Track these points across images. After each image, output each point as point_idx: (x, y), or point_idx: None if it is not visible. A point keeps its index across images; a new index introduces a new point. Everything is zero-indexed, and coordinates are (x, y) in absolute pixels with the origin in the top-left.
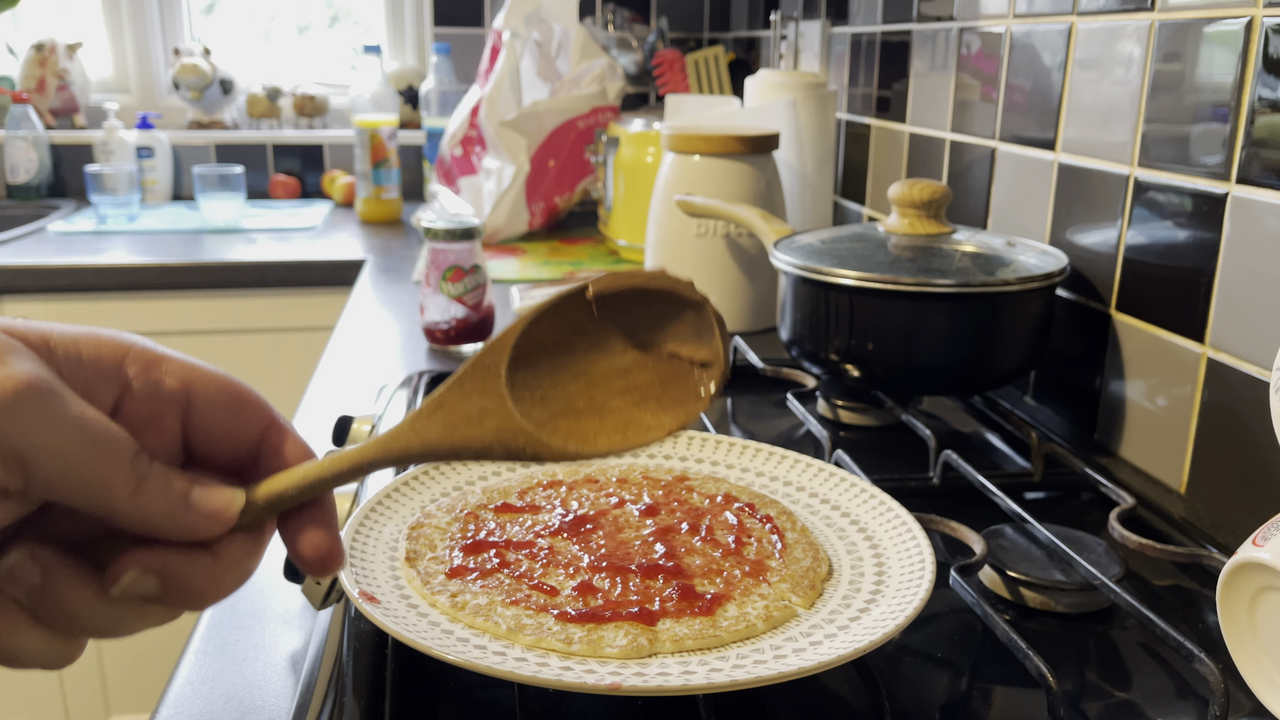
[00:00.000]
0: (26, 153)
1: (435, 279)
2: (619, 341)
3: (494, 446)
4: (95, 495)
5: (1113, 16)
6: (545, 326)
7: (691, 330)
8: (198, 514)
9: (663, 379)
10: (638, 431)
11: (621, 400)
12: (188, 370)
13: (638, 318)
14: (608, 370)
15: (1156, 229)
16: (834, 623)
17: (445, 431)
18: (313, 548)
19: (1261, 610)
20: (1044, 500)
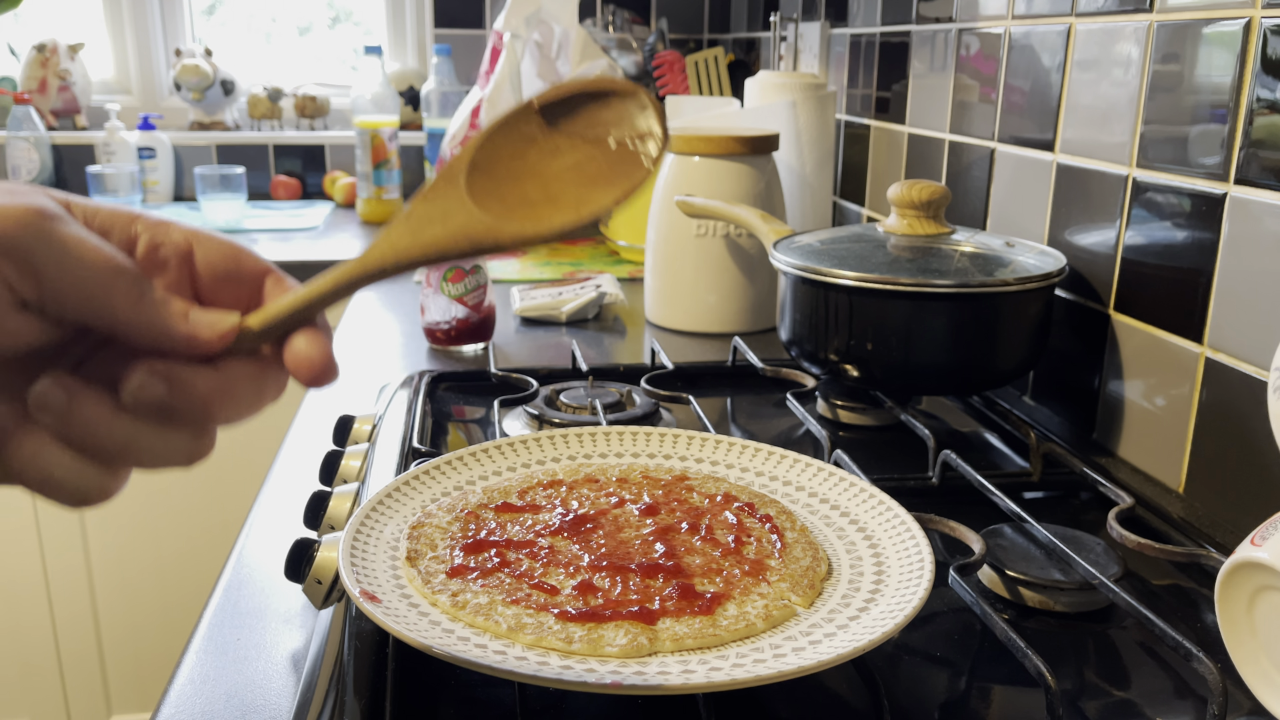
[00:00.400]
0: (28, 153)
1: (436, 279)
2: (567, 141)
3: (458, 238)
4: (100, 303)
5: (1111, 18)
6: (499, 140)
7: (633, 119)
8: (194, 325)
9: (610, 163)
10: (589, 206)
11: (575, 188)
12: (191, 230)
13: (583, 118)
14: (559, 167)
15: (1155, 229)
16: (833, 622)
17: (413, 235)
18: (307, 358)
19: (1260, 610)
20: (1043, 500)
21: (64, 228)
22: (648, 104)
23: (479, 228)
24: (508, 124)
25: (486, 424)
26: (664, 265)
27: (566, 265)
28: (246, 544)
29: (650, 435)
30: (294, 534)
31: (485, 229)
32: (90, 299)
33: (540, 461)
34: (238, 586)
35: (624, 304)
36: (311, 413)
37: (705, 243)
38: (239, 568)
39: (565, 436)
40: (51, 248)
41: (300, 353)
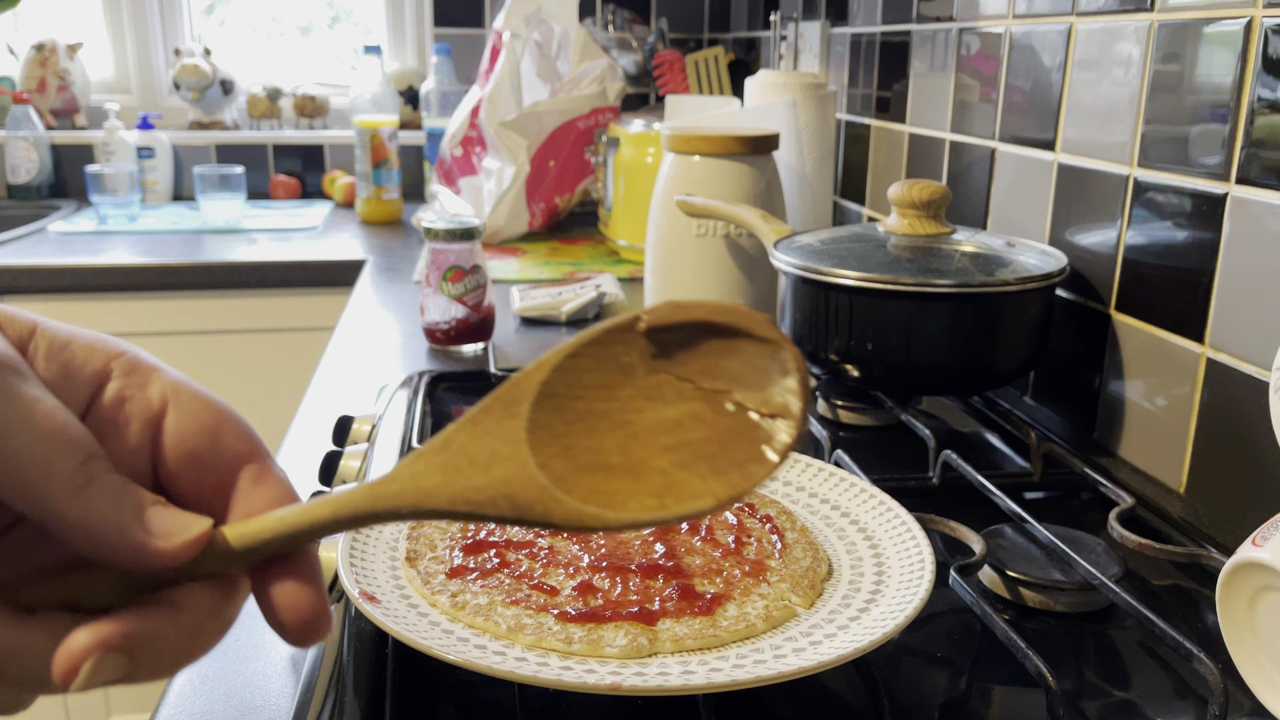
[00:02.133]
0: (27, 153)
1: (435, 279)
2: (673, 388)
3: (498, 499)
4: (32, 486)
5: (1112, 17)
6: (585, 363)
7: (763, 377)
8: (151, 532)
9: (721, 436)
10: (679, 498)
11: (666, 459)
12: (173, 384)
13: (699, 360)
14: (655, 422)
15: (1156, 229)
16: (834, 622)
17: (445, 476)
18: (294, 608)
19: (1260, 610)
20: (1043, 500)
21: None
22: (790, 365)
23: (529, 492)
24: (601, 342)
25: None
26: (664, 265)
27: (566, 265)
28: None
29: None
30: None
31: (536, 496)
32: (19, 475)
33: None
34: None
35: (624, 304)
36: (310, 413)
37: (705, 242)
38: None
39: None
40: None
41: (288, 599)
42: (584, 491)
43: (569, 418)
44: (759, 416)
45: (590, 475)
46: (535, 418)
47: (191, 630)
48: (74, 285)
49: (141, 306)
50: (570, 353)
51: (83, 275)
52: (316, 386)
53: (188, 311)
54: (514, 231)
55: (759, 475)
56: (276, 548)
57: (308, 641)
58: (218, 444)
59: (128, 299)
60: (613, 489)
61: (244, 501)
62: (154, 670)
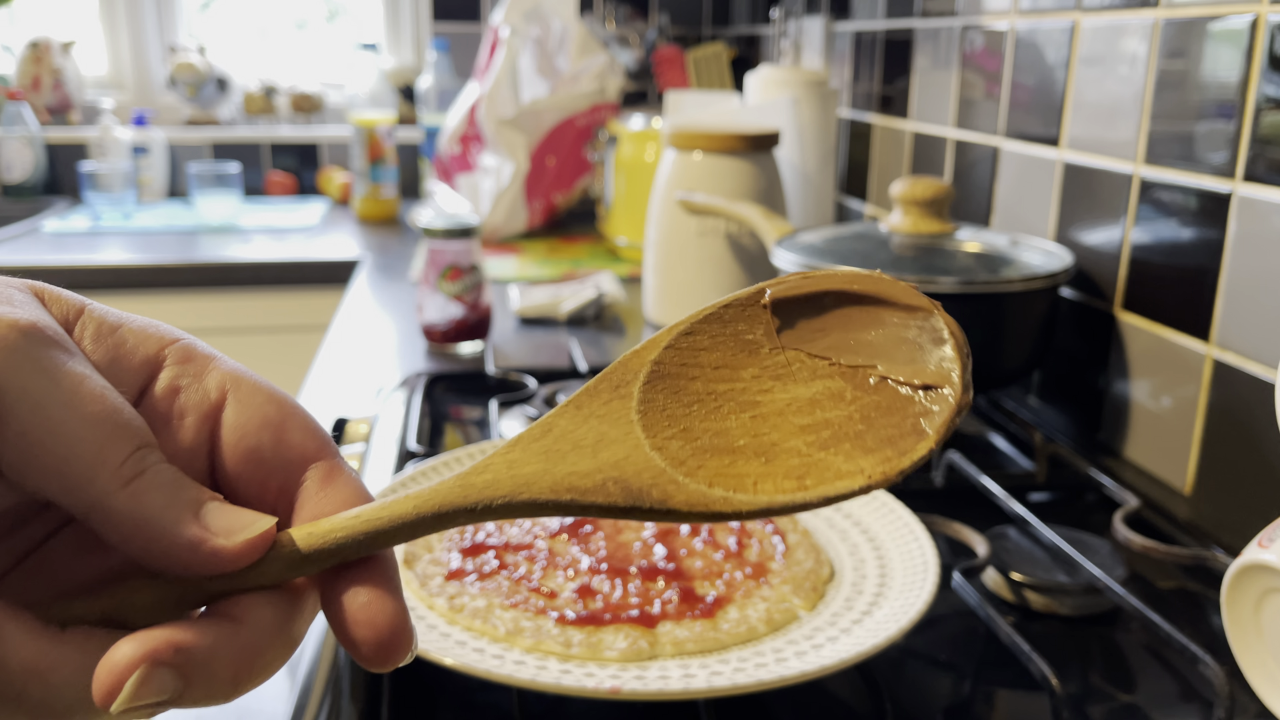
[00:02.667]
0: (21, 151)
1: (433, 278)
2: (805, 366)
3: (607, 484)
4: (78, 475)
5: (1117, 13)
6: (702, 341)
7: (912, 348)
8: (210, 529)
9: (866, 413)
10: (822, 478)
11: (802, 440)
12: (233, 374)
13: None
14: (786, 402)
15: (1161, 227)
16: (836, 625)
17: (546, 463)
18: (370, 622)
19: (1267, 612)
20: (1048, 501)
21: (55, 357)
22: (945, 332)
23: (644, 475)
24: (720, 318)
25: (484, 424)
26: (664, 264)
27: (565, 264)
28: None
29: None
30: None
31: (652, 479)
32: (64, 465)
33: None
34: None
35: (624, 303)
36: None
37: (706, 241)
38: None
39: None
40: (31, 382)
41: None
42: (708, 475)
43: (686, 399)
44: (911, 389)
45: (714, 458)
46: (647, 398)
47: (253, 648)
48: (68, 284)
49: (137, 305)
50: (684, 330)
51: (77, 274)
52: (312, 386)
53: (183, 310)
54: (512, 230)
55: (918, 450)
56: (350, 552)
57: (387, 663)
58: (282, 440)
59: (123, 298)
60: (742, 472)
61: (311, 504)
62: (208, 692)
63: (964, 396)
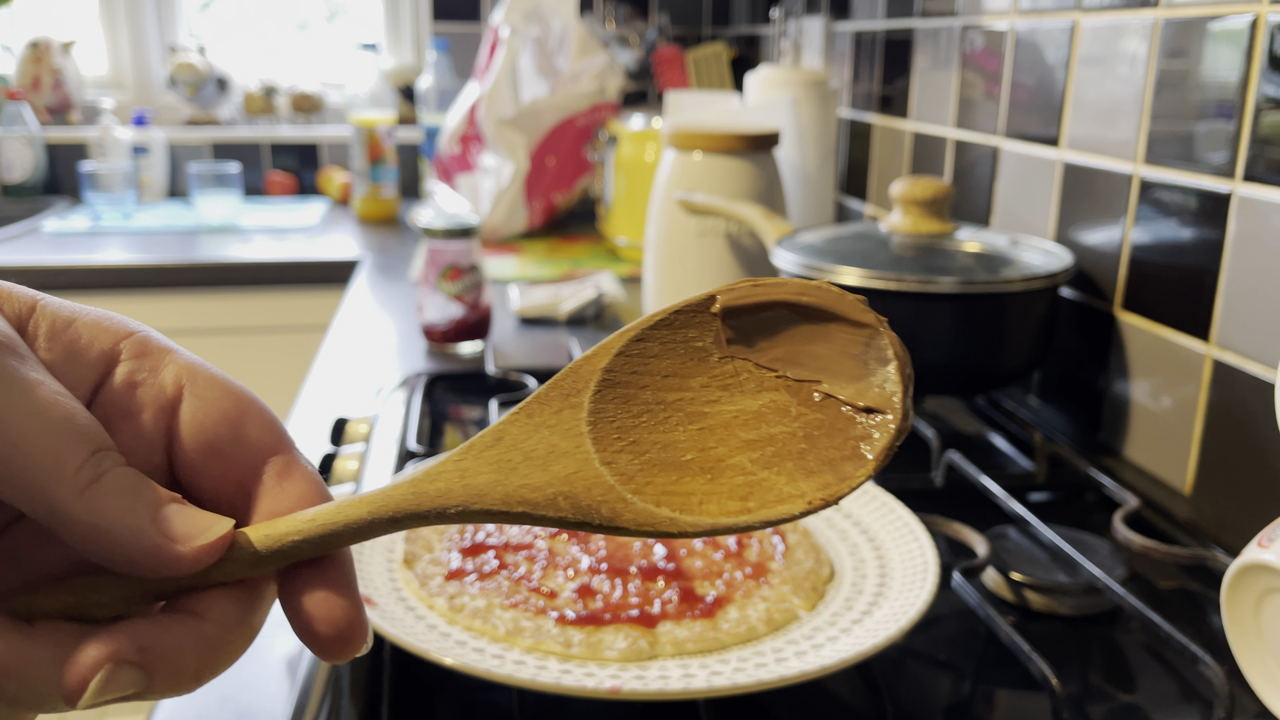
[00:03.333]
0: (21, 151)
1: (433, 278)
2: (753, 377)
3: (558, 499)
4: (34, 482)
5: (1117, 13)
6: (652, 348)
7: (858, 365)
8: (168, 535)
9: (809, 431)
10: (764, 500)
11: (746, 456)
12: (190, 368)
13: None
14: (733, 414)
15: (1161, 227)
16: (836, 625)
17: (498, 474)
18: (327, 618)
19: (1267, 612)
20: (1048, 501)
21: (8, 365)
22: (890, 353)
23: (594, 491)
24: (670, 324)
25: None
26: (664, 264)
27: (565, 264)
28: None
29: None
30: None
31: (601, 497)
32: (19, 470)
33: None
34: None
35: (624, 303)
36: (307, 414)
37: (706, 241)
38: None
39: None
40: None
41: (320, 608)
42: (655, 492)
43: (635, 409)
44: (853, 410)
45: (661, 474)
46: (597, 408)
47: (213, 642)
48: (68, 284)
49: (136, 305)
50: (635, 336)
51: (77, 274)
52: (312, 386)
53: (183, 310)
54: (513, 230)
55: (856, 476)
56: (307, 551)
57: (343, 655)
58: (239, 434)
59: (122, 298)
60: (688, 490)
61: (269, 499)
62: (171, 685)
63: (904, 423)
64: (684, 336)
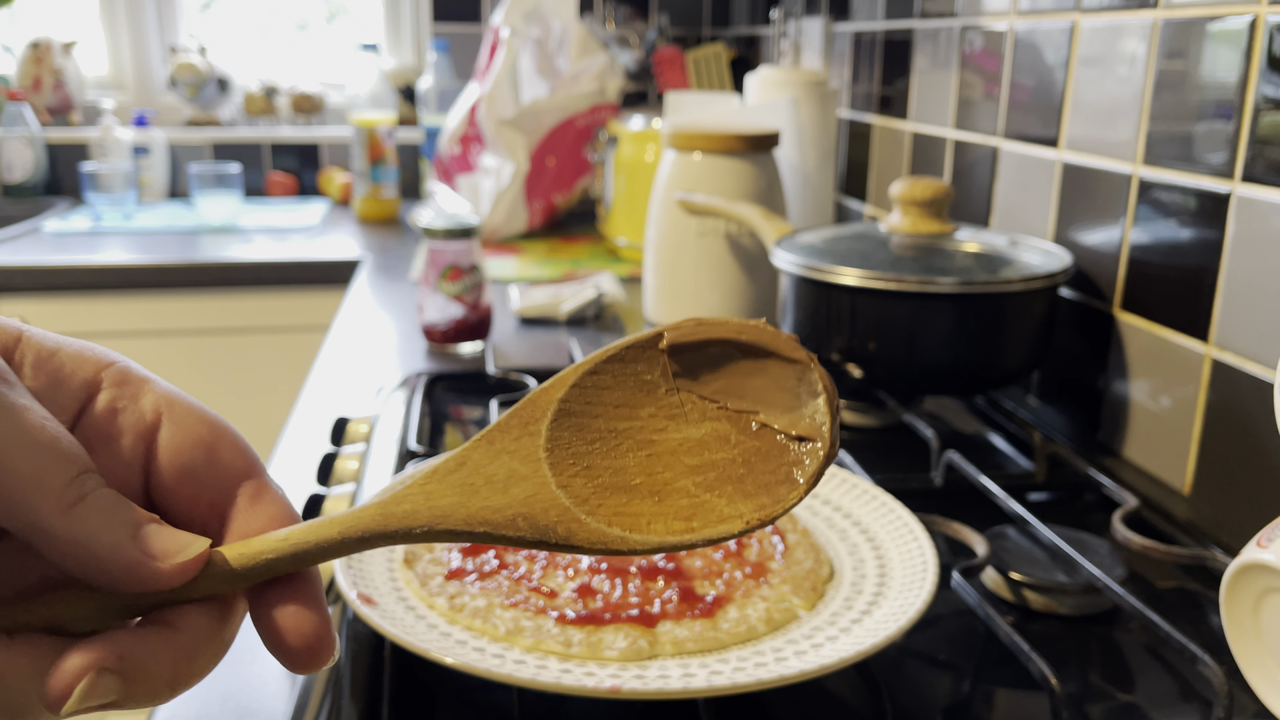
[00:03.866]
0: (22, 151)
1: (433, 278)
2: (696, 407)
3: (517, 520)
4: (20, 500)
5: (1116, 14)
6: (605, 380)
7: (791, 398)
8: (148, 552)
9: (748, 458)
10: (706, 521)
11: (690, 480)
12: (167, 397)
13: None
14: (678, 442)
15: (1160, 228)
16: (835, 625)
17: (461, 496)
18: (296, 630)
19: (1266, 612)
20: (1047, 501)
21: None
22: (819, 386)
23: (550, 513)
24: (621, 359)
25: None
26: (664, 264)
27: (565, 264)
28: None
29: None
30: None
31: (558, 518)
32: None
33: None
34: None
35: (623, 303)
36: (307, 413)
37: (706, 241)
38: None
39: None
40: None
41: (290, 622)
42: (607, 513)
43: (589, 436)
44: (786, 439)
45: (613, 496)
46: (554, 436)
47: (188, 652)
48: (69, 284)
49: (137, 305)
50: (589, 369)
51: (78, 274)
52: (313, 386)
53: (184, 310)
54: (513, 230)
55: (788, 499)
56: (279, 569)
57: (311, 667)
58: (214, 459)
59: (123, 298)
60: (637, 511)
61: (241, 520)
62: (149, 694)
63: (832, 449)
64: (634, 370)
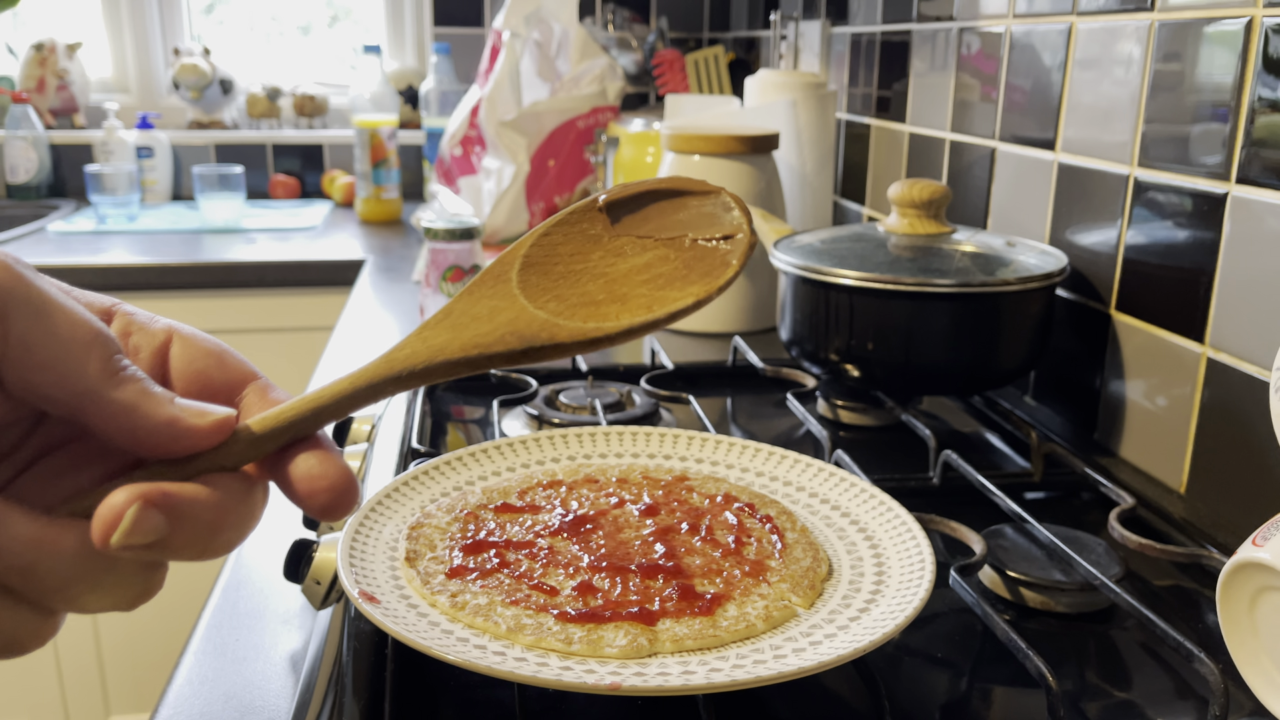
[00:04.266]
0: (26, 153)
1: (435, 279)
2: (636, 244)
3: (506, 336)
4: (70, 370)
5: (1112, 16)
6: (557, 238)
7: (711, 218)
8: (181, 410)
9: (688, 262)
10: (664, 304)
11: (645, 288)
12: (172, 325)
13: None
14: (628, 269)
15: (1156, 229)
16: (834, 623)
17: (453, 333)
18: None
19: (1261, 610)
20: (1044, 500)
21: (41, 284)
22: (732, 203)
23: (532, 324)
24: (568, 221)
25: (486, 424)
26: None
27: None
28: (245, 544)
29: (650, 435)
30: (292, 534)
31: (540, 325)
32: (61, 366)
33: (540, 462)
34: (236, 587)
35: None
36: None
37: None
38: (237, 568)
39: (565, 437)
40: (26, 303)
41: (313, 473)
42: (582, 318)
43: (553, 277)
44: (715, 242)
45: (584, 308)
46: (523, 279)
47: (223, 507)
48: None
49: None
50: (543, 232)
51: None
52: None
53: (187, 311)
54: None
55: (727, 275)
56: (301, 428)
57: (337, 510)
58: (223, 365)
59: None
60: (605, 313)
61: (255, 412)
62: (189, 542)
63: (752, 236)
64: (580, 228)
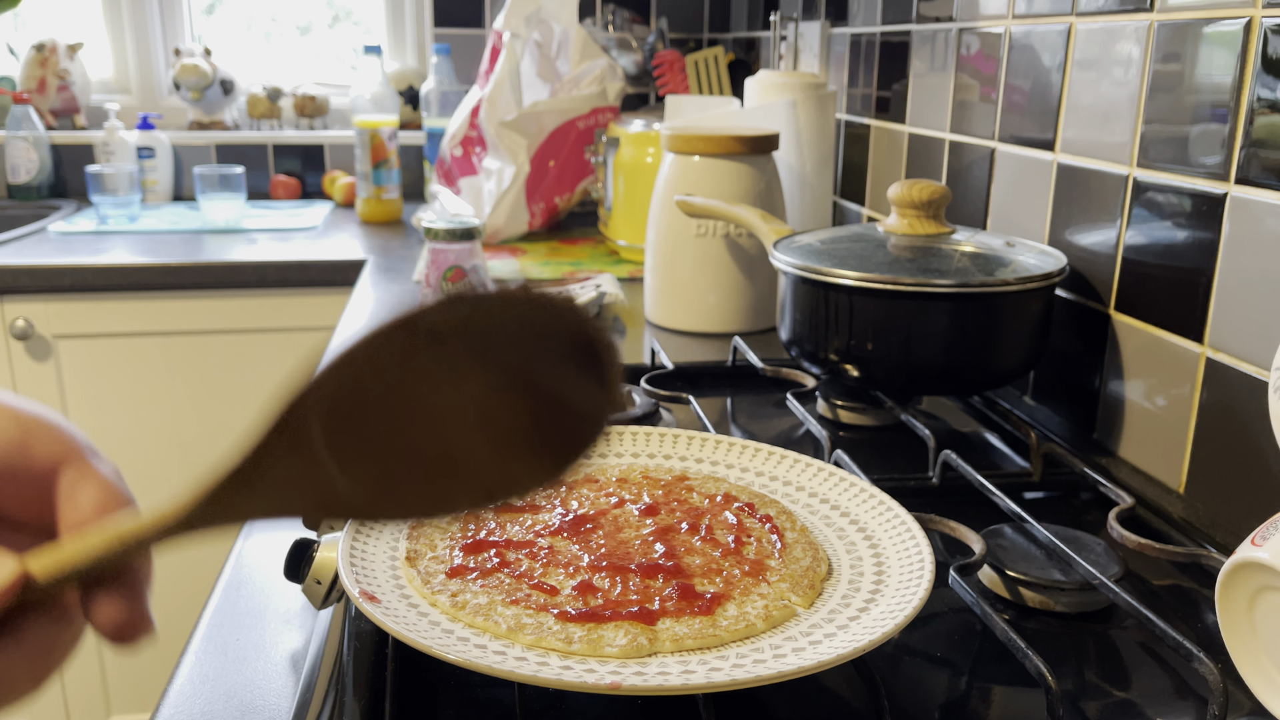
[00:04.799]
0: (27, 153)
1: (436, 279)
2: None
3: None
4: None
5: (1112, 17)
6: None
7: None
8: None
9: (537, 417)
10: (503, 484)
11: (485, 447)
12: None
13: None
14: (460, 408)
15: (1155, 229)
16: (833, 622)
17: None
18: (108, 619)
19: (1260, 610)
20: (1043, 500)
21: None
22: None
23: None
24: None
25: None
26: (664, 265)
27: (566, 265)
28: (245, 544)
29: (650, 435)
30: (293, 534)
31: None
32: None
33: None
34: (237, 587)
35: (624, 304)
36: None
37: (705, 242)
38: (238, 568)
39: None
40: None
41: (102, 614)
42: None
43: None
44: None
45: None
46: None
47: (31, 660)
48: (74, 285)
49: (142, 306)
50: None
51: (83, 275)
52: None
53: (188, 311)
54: (514, 231)
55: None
56: (91, 573)
57: (126, 644)
58: (27, 456)
59: (128, 299)
60: (434, 488)
61: (69, 505)
62: (8, 695)
63: (620, 402)
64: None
